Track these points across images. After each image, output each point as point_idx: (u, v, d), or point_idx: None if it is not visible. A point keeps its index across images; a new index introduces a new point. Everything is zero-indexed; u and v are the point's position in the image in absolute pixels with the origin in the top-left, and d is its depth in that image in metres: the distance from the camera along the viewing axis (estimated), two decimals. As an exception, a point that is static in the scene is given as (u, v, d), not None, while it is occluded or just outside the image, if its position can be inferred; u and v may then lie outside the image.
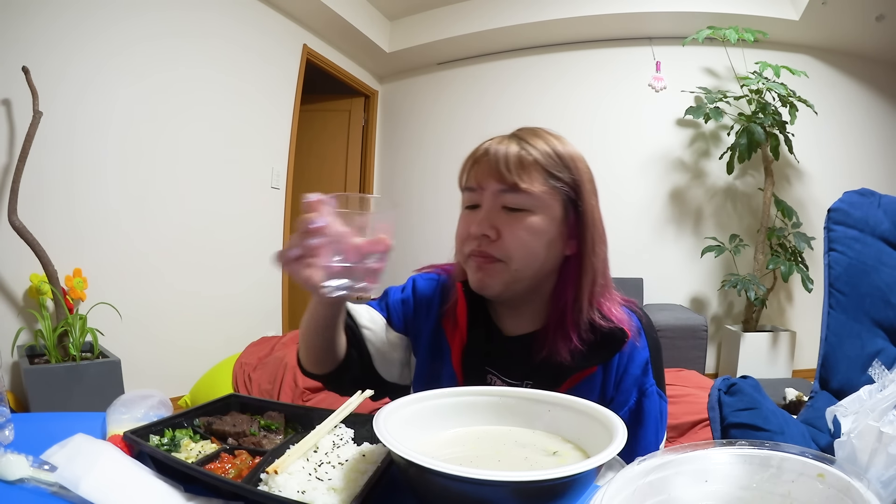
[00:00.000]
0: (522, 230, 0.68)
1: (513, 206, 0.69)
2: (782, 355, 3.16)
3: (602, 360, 0.72)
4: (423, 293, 0.83)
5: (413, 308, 0.83)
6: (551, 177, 0.70)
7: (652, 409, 0.73)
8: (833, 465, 0.38)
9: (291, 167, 3.39)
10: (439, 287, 0.83)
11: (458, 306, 0.77)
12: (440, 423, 0.56)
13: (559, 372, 0.70)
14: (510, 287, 0.71)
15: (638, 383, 0.73)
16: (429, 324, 0.81)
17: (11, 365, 1.97)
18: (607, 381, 0.73)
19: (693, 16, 3.23)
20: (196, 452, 0.54)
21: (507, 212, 0.69)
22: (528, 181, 0.68)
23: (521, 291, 0.73)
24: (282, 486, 0.45)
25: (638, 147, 3.59)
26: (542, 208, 0.69)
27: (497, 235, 0.69)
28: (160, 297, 2.56)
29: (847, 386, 0.94)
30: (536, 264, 0.70)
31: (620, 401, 0.73)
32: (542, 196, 0.69)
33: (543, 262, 0.71)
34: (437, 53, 3.98)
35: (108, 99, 2.29)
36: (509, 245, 0.68)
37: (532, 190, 0.68)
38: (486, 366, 0.76)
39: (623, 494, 0.38)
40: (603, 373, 0.73)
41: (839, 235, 1.05)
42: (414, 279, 0.86)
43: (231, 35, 2.89)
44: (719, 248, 3.26)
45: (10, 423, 0.55)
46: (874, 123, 3.46)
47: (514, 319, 0.77)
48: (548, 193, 0.69)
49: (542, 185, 0.69)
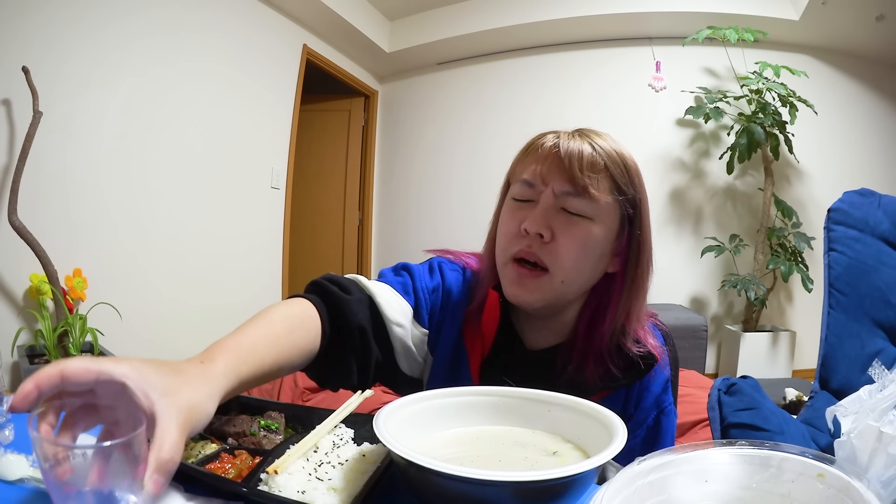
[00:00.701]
0: (580, 237, 0.63)
1: (573, 211, 0.64)
2: (782, 355, 3.16)
3: (627, 384, 0.69)
4: (451, 287, 0.74)
5: (441, 302, 0.74)
6: (617, 189, 0.65)
7: (669, 426, 0.72)
8: (833, 465, 0.38)
9: (291, 167, 3.39)
10: (467, 286, 0.75)
11: (486, 314, 0.72)
12: (440, 423, 0.55)
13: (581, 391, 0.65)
14: (551, 303, 0.66)
15: (658, 401, 0.71)
16: (454, 325, 0.73)
17: (11, 365, 1.97)
18: (629, 399, 0.71)
19: (693, 16, 3.23)
20: (196, 452, 0.54)
21: (566, 214, 0.64)
22: (596, 188, 0.63)
23: (557, 306, 0.68)
24: (282, 486, 0.45)
25: (638, 147, 3.55)
26: (603, 219, 0.64)
27: (551, 237, 0.63)
28: (160, 296, 2.56)
29: (847, 386, 0.94)
30: (582, 279, 0.66)
31: (640, 419, 0.71)
32: (605, 207, 0.64)
33: (589, 277, 0.67)
34: (437, 53, 3.98)
35: (108, 99, 2.29)
36: (562, 251, 0.63)
37: (599, 198, 0.63)
38: (505, 377, 0.71)
39: (623, 494, 0.38)
40: (625, 392, 0.71)
41: (839, 235, 1.05)
42: (440, 266, 0.76)
43: (231, 35, 2.89)
44: (719, 248, 3.26)
45: (10, 423, 0.55)
46: (874, 123, 3.46)
47: (537, 332, 0.73)
48: (610, 205, 0.65)
49: (607, 196, 0.64)
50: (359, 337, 0.65)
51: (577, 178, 0.62)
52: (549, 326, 0.73)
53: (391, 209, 4.29)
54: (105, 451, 0.35)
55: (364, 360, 0.67)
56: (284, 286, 3.41)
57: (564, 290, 0.65)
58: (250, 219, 3.11)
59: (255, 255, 3.17)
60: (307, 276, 3.13)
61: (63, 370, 0.37)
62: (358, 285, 0.70)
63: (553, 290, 0.65)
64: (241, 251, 3.05)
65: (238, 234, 3.02)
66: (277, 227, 3.34)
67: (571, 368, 0.68)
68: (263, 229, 3.23)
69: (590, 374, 0.67)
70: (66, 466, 0.34)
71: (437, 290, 0.74)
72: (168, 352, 2.57)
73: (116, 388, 0.38)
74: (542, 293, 0.65)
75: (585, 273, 0.66)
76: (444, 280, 0.75)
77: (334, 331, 0.64)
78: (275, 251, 3.33)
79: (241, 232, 3.04)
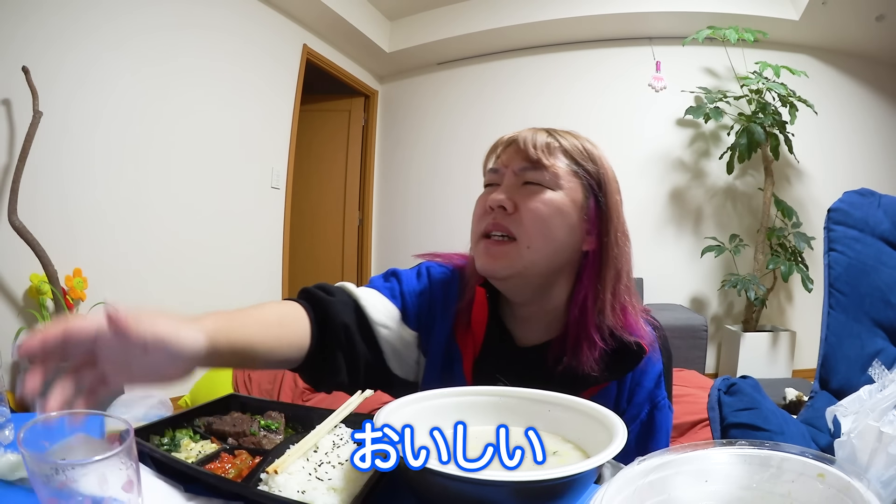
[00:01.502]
0: (539, 202, 0.67)
1: (533, 181, 0.68)
2: (782, 355, 3.16)
3: (618, 376, 0.70)
4: (439, 288, 0.77)
5: (428, 303, 0.76)
6: (575, 163, 0.69)
7: (663, 421, 0.72)
8: (833, 465, 0.38)
9: (291, 167, 3.39)
10: (455, 285, 0.77)
11: (475, 312, 0.73)
12: (440, 423, 0.55)
13: (574, 385, 0.66)
14: (522, 273, 0.67)
15: (651, 396, 0.71)
16: (444, 326, 0.75)
17: (11, 365, 1.97)
18: (621, 394, 0.71)
19: (693, 16, 3.23)
20: (196, 452, 0.54)
21: (527, 187, 0.68)
22: (551, 160, 0.68)
23: (535, 284, 0.70)
24: (282, 486, 0.45)
25: (638, 147, 3.59)
26: (563, 187, 0.68)
27: (514, 208, 0.67)
28: (160, 296, 2.56)
29: (847, 386, 0.94)
30: (550, 246, 0.67)
31: (633, 414, 0.71)
32: (565, 176, 0.68)
33: (560, 246, 0.68)
34: (437, 53, 3.98)
35: (107, 100, 2.29)
36: (525, 217, 0.66)
37: (556, 167, 0.67)
38: (498, 375, 0.72)
39: (623, 494, 0.38)
40: (617, 386, 0.71)
41: (839, 235, 1.05)
42: (428, 269, 0.79)
43: (231, 35, 2.89)
44: (719, 248, 3.26)
45: (10, 423, 0.55)
46: (874, 123, 3.46)
47: (527, 328, 0.74)
48: (570, 175, 0.68)
49: (564, 166, 0.68)
50: (343, 334, 0.68)
51: (531, 154, 0.67)
52: (537, 322, 0.73)
53: (391, 209, 4.29)
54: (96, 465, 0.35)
55: (352, 358, 0.69)
56: (284, 286, 3.41)
57: (532, 258, 0.67)
58: (250, 219, 3.11)
59: (255, 254, 3.17)
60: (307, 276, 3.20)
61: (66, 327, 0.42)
62: (344, 290, 0.73)
63: (520, 256, 0.66)
64: (241, 251, 3.05)
65: (238, 233, 3.02)
66: (277, 227, 3.34)
67: (566, 360, 0.68)
68: (263, 229, 3.23)
69: (588, 361, 0.67)
70: (58, 480, 0.34)
71: (424, 292, 0.76)
72: (168, 352, 2.57)
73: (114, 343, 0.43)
74: (509, 260, 0.67)
75: (553, 241, 0.67)
76: (432, 282, 0.77)
77: (321, 330, 0.67)
78: (275, 251, 3.33)
79: (241, 232, 3.04)
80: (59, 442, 0.51)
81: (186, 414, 0.61)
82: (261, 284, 3.22)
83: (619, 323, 0.68)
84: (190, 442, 0.56)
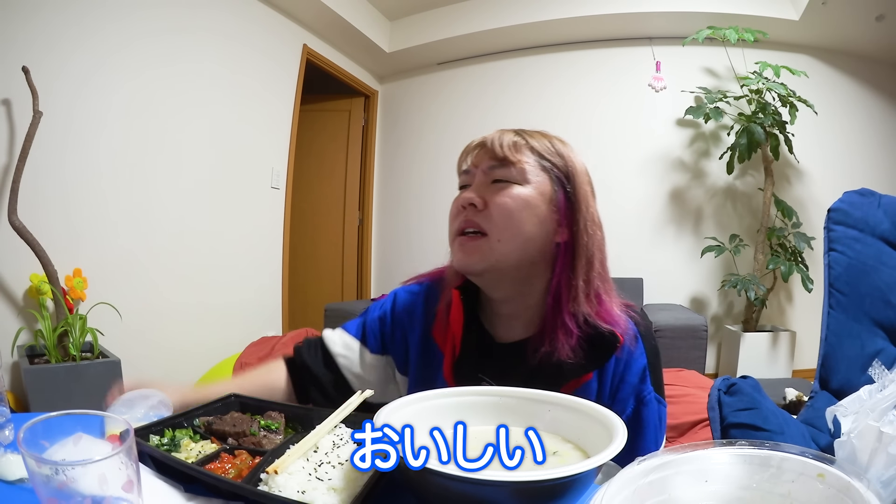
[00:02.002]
0: (507, 197, 0.69)
1: (501, 178, 0.71)
2: (782, 355, 3.16)
3: (596, 366, 0.71)
4: (403, 307, 0.83)
5: (391, 325, 0.83)
6: (543, 158, 0.72)
7: (650, 417, 0.72)
8: (833, 465, 0.38)
9: (291, 167, 3.39)
10: (423, 295, 0.83)
11: (453, 312, 0.75)
12: (440, 423, 0.55)
13: (555, 378, 0.69)
14: (496, 266, 0.70)
15: (635, 391, 0.72)
16: (415, 335, 0.81)
17: (11, 365, 1.97)
18: (602, 389, 0.72)
19: (693, 16, 3.23)
20: (196, 452, 0.54)
21: (496, 184, 0.71)
22: (517, 156, 0.70)
23: (510, 277, 0.72)
24: (282, 486, 0.45)
25: (638, 147, 3.59)
26: (531, 181, 0.70)
27: (484, 205, 0.70)
28: (160, 296, 2.56)
29: (847, 386, 0.94)
30: (521, 237, 0.69)
31: (617, 410, 0.70)
32: (532, 171, 0.71)
33: (529, 238, 0.70)
34: (437, 53, 3.98)
35: (107, 99, 2.29)
36: (494, 212, 0.69)
37: (522, 163, 0.70)
38: (479, 373, 0.74)
39: (623, 494, 0.38)
40: (598, 381, 0.72)
41: (839, 235, 1.04)
42: (396, 293, 0.86)
43: (231, 35, 2.89)
44: (719, 248, 3.26)
45: (10, 423, 0.55)
46: (874, 123, 3.46)
47: (508, 326, 0.76)
48: (537, 170, 0.71)
49: (531, 161, 0.71)
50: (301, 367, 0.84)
51: (497, 153, 0.71)
52: (516, 319, 0.75)
53: (391, 209, 4.29)
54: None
55: (318, 385, 0.82)
56: (284, 286, 3.41)
57: (503, 250, 0.69)
58: (250, 219, 3.11)
59: (255, 255, 3.17)
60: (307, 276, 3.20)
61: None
62: (319, 336, 0.86)
63: (492, 250, 0.69)
64: (241, 251, 3.05)
65: (238, 234, 3.02)
66: (277, 227, 3.34)
67: (547, 346, 0.69)
68: (263, 229, 3.23)
69: (565, 348, 0.68)
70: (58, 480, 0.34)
71: (385, 317, 0.84)
72: (168, 351, 2.58)
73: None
74: (481, 254, 0.70)
75: (522, 233, 0.69)
76: (396, 305, 0.84)
77: (293, 368, 0.85)
78: (275, 251, 3.33)
79: (241, 232, 3.04)
80: (59, 442, 0.51)
81: (186, 414, 0.61)
82: (261, 284, 3.22)
83: (593, 310, 0.70)
84: (190, 442, 0.56)
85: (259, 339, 2.77)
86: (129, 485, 0.36)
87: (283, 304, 3.40)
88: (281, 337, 2.79)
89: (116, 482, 0.36)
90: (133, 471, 0.37)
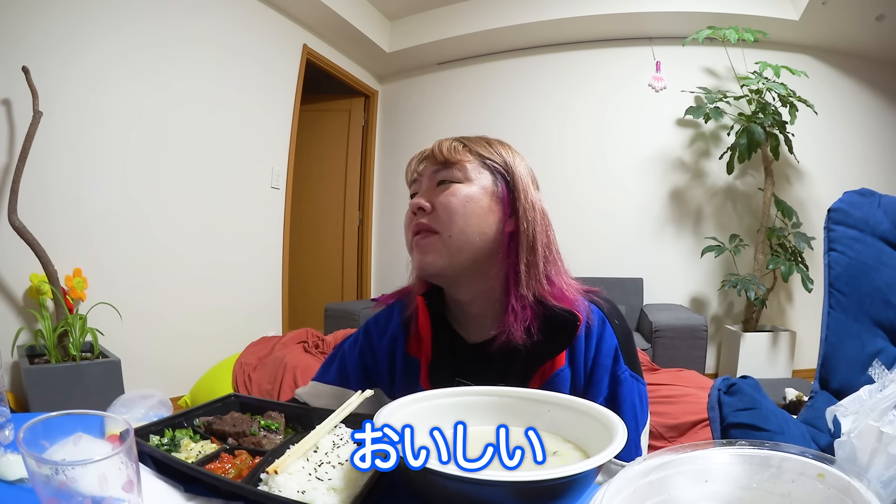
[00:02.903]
0: (451, 196, 0.73)
1: (445, 179, 0.75)
2: (782, 355, 3.16)
3: (560, 348, 0.73)
4: (374, 335, 0.85)
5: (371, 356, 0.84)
6: (481, 157, 0.76)
7: (628, 395, 0.73)
8: (833, 465, 0.38)
9: (291, 167, 3.39)
10: (392, 313, 0.85)
11: (420, 319, 0.78)
12: (440, 423, 0.55)
13: (524, 365, 0.72)
14: (451, 262, 0.73)
15: (609, 373, 0.74)
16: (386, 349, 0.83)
17: (11, 365, 1.97)
18: (576, 376, 0.74)
19: (693, 16, 3.23)
20: (196, 452, 0.54)
21: (441, 186, 0.75)
22: (456, 158, 0.75)
23: (468, 273, 0.74)
24: (282, 486, 0.45)
25: (638, 147, 3.59)
26: (472, 178, 0.74)
27: (431, 208, 0.74)
28: (160, 296, 2.56)
29: (847, 386, 0.94)
30: (468, 231, 0.72)
31: (594, 392, 0.73)
32: (472, 170, 0.74)
33: (477, 230, 0.72)
34: (437, 53, 3.98)
35: (108, 99, 2.29)
36: (441, 212, 0.73)
37: (462, 162, 0.74)
38: (456, 376, 0.76)
39: (623, 494, 0.38)
40: (571, 368, 0.74)
41: (839, 235, 1.04)
42: (367, 325, 0.87)
43: (231, 34, 2.89)
44: (719, 248, 3.26)
45: (10, 423, 0.55)
46: (874, 123, 3.46)
47: (478, 325, 0.78)
48: (477, 168, 0.75)
49: (470, 160, 0.75)
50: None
51: (438, 156, 0.75)
52: (485, 316, 0.77)
53: (391, 209, 4.29)
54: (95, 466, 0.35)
55: None
56: (284, 286, 3.41)
57: (455, 245, 0.72)
58: (250, 219, 3.11)
59: (256, 255, 3.17)
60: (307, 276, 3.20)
61: None
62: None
63: (445, 246, 0.72)
64: (241, 251, 3.05)
65: (238, 234, 3.02)
66: (277, 227, 3.34)
67: (504, 333, 0.71)
68: (263, 229, 3.23)
69: (517, 331, 0.70)
70: (58, 480, 0.34)
71: (364, 353, 0.85)
72: (168, 352, 2.58)
73: None
74: (437, 253, 0.73)
75: (468, 226, 0.72)
76: (369, 337, 0.85)
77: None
78: (275, 251, 3.33)
79: (241, 232, 3.04)
80: (59, 442, 0.51)
81: (186, 414, 0.61)
82: (261, 284, 3.22)
83: (544, 292, 0.73)
84: (190, 442, 0.56)
85: (259, 339, 2.77)
86: (129, 485, 0.36)
87: (283, 304, 3.40)
88: (281, 337, 2.79)
89: (116, 482, 0.36)
90: (133, 471, 0.37)
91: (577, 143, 3.65)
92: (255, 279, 3.16)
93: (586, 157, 3.62)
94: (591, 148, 3.62)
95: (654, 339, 2.86)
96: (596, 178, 3.61)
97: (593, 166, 3.61)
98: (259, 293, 3.21)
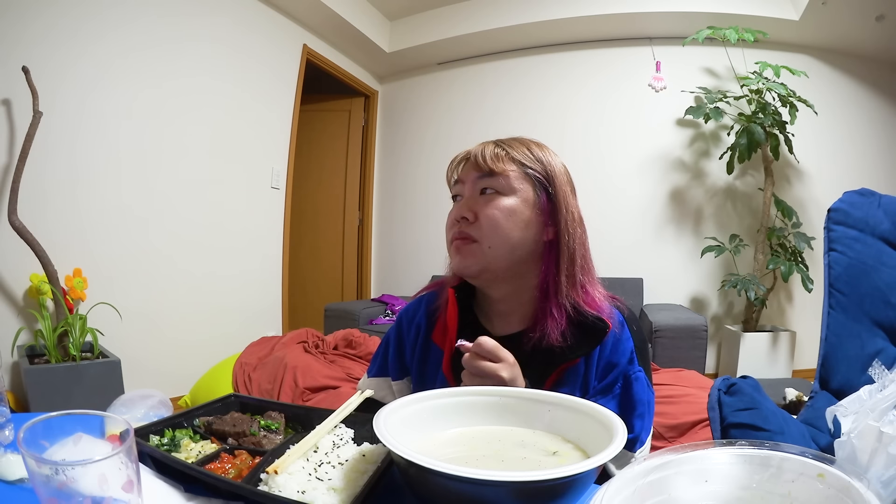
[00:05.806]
0: (495, 209, 0.75)
1: (488, 189, 0.77)
2: (782, 355, 3.16)
3: (586, 351, 0.75)
4: (404, 325, 0.89)
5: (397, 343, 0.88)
6: (523, 166, 0.77)
7: (642, 392, 0.74)
8: (833, 465, 0.38)
9: (291, 167, 3.39)
10: (424, 303, 0.88)
11: (448, 311, 0.80)
12: (440, 423, 0.56)
13: (547, 363, 0.74)
14: (488, 268, 0.76)
15: (623, 371, 0.75)
16: (412, 336, 0.86)
17: (11, 365, 1.97)
18: (589, 370, 0.75)
19: (693, 16, 3.23)
20: (196, 452, 0.54)
21: (484, 196, 0.77)
22: (500, 167, 0.76)
23: (503, 276, 0.77)
24: (282, 486, 0.45)
25: (638, 147, 3.59)
26: (515, 191, 0.76)
27: (474, 218, 0.76)
28: (159, 296, 2.56)
29: (847, 386, 0.94)
30: (509, 243, 0.75)
31: (607, 389, 0.75)
32: (515, 179, 0.76)
33: (518, 242, 0.75)
34: (437, 53, 3.98)
35: (108, 99, 2.29)
36: (483, 224, 0.75)
37: (506, 172, 0.76)
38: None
39: (623, 494, 0.38)
40: (585, 364, 0.75)
41: (839, 235, 1.05)
42: (399, 316, 0.91)
43: (231, 34, 2.89)
44: (719, 248, 3.26)
45: (10, 423, 0.55)
46: (874, 123, 3.46)
47: (503, 320, 0.81)
48: (519, 178, 0.76)
49: (514, 170, 0.77)
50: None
51: (482, 165, 0.77)
52: (514, 312, 0.80)
53: (391, 209, 4.29)
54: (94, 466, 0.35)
55: None
56: (284, 286, 3.41)
57: (494, 255, 0.75)
58: (250, 219, 3.11)
59: (255, 255, 3.17)
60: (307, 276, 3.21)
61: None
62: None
63: (483, 255, 0.75)
64: (241, 251, 3.05)
65: (238, 234, 3.02)
66: (277, 227, 3.34)
67: (538, 332, 0.74)
68: (263, 229, 3.23)
69: (554, 333, 0.73)
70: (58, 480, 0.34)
71: (402, 344, 0.88)
72: (167, 352, 2.58)
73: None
74: (474, 258, 0.76)
75: (509, 239, 0.75)
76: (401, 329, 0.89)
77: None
78: (275, 251, 3.33)
79: (241, 232, 3.04)
80: (59, 442, 0.51)
81: (186, 414, 0.61)
82: (261, 284, 3.22)
83: (579, 299, 0.76)
84: (190, 442, 0.56)
85: (259, 339, 2.77)
86: (129, 485, 0.36)
87: (283, 304, 3.40)
88: (281, 337, 2.79)
89: (116, 482, 0.36)
90: (133, 471, 0.37)
91: (577, 144, 3.64)
92: (256, 279, 3.16)
93: (586, 157, 3.62)
94: (591, 148, 3.62)
95: (654, 339, 2.86)
96: (596, 179, 3.61)
97: (593, 166, 3.61)
98: (259, 293, 3.21)
